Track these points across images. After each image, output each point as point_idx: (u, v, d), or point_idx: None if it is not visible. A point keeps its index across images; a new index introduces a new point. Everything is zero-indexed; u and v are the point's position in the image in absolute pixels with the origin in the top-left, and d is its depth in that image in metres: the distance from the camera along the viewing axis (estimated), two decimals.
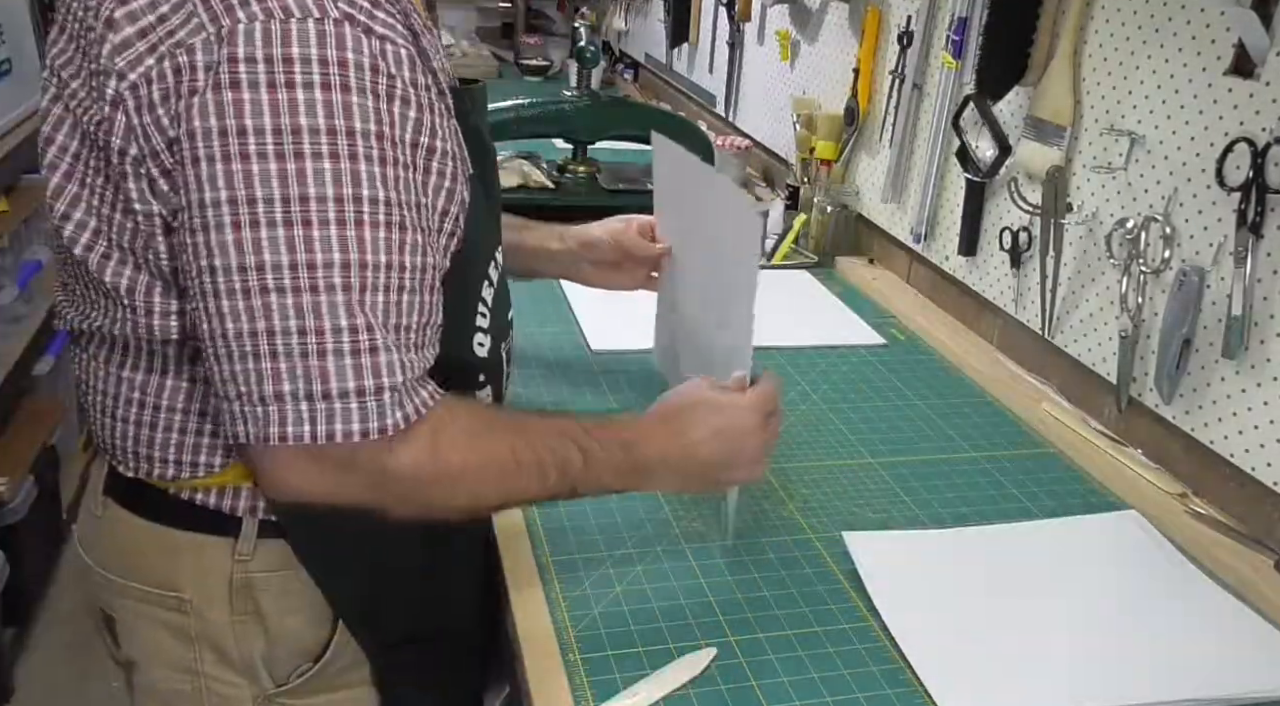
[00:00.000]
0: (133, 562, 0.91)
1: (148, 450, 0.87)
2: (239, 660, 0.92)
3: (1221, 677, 0.90)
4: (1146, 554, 1.08)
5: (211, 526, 0.88)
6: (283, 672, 0.93)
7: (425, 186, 0.79)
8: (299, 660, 0.93)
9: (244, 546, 0.88)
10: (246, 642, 0.91)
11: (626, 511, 1.08)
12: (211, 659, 0.92)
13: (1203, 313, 1.15)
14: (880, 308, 1.70)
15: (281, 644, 0.92)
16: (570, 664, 0.88)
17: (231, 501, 0.87)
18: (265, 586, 0.89)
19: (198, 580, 0.89)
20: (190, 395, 0.84)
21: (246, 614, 0.90)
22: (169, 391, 0.84)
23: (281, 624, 0.91)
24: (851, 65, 1.93)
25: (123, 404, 0.86)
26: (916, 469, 1.21)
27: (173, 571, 0.89)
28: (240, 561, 0.88)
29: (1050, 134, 1.38)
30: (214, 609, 0.90)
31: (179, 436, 0.86)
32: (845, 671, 0.89)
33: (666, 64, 3.14)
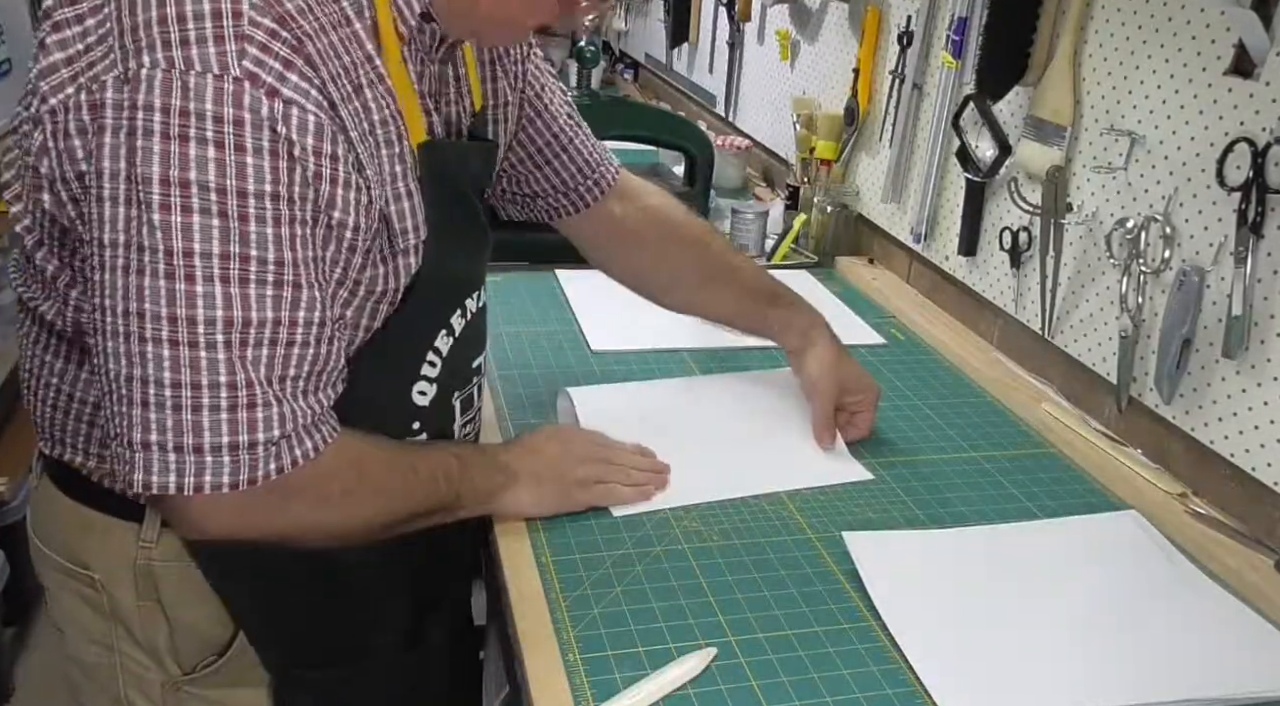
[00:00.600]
0: (56, 537, 0.95)
1: (62, 434, 0.89)
2: (145, 643, 0.93)
3: (1221, 677, 0.90)
4: (1146, 554, 1.08)
5: (120, 510, 0.89)
6: (189, 662, 0.94)
7: (324, 242, 0.80)
8: (204, 652, 0.94)
9: (148, 533, 0.89)
10: (151, 627, 0.93)
11: (626, 511, 1.08)
12: (124, 636, 0.94)
13: (1203, 313, 1.15)
14: (880, 308, 1.70)
15: (185, 633, 0.93)
16: (570, 664, 0.88)
17: None
18: (166, 575, 0.91)
19: (106, 561, 0.92)
20: (90, 386, 0.86)
21: (149, 600, 0.91)
22: (83, 383, 0.86)
23: (183, 614, 0.92)
24: (851, 65, 1.93)
25: (43, 386, 0.89)
26: (916, 469, 1.21)
27: (86, 549, 0.93)
28: (144, 547, 0.90)
29: (1050, 134, 1.38)
30: (120, 590, 0.92)
31: (88, 427, 0.88)
32: (845, 671, 0.89)
33: (666, 64, 3.14)
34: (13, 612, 2.18)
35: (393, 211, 0.86)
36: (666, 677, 0.86)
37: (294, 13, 0.75)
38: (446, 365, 1.00)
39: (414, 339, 0.97)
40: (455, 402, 1.04)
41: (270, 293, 0.75)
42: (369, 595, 0.98)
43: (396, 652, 1.03)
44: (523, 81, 1.12)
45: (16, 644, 2.22)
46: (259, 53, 0.73)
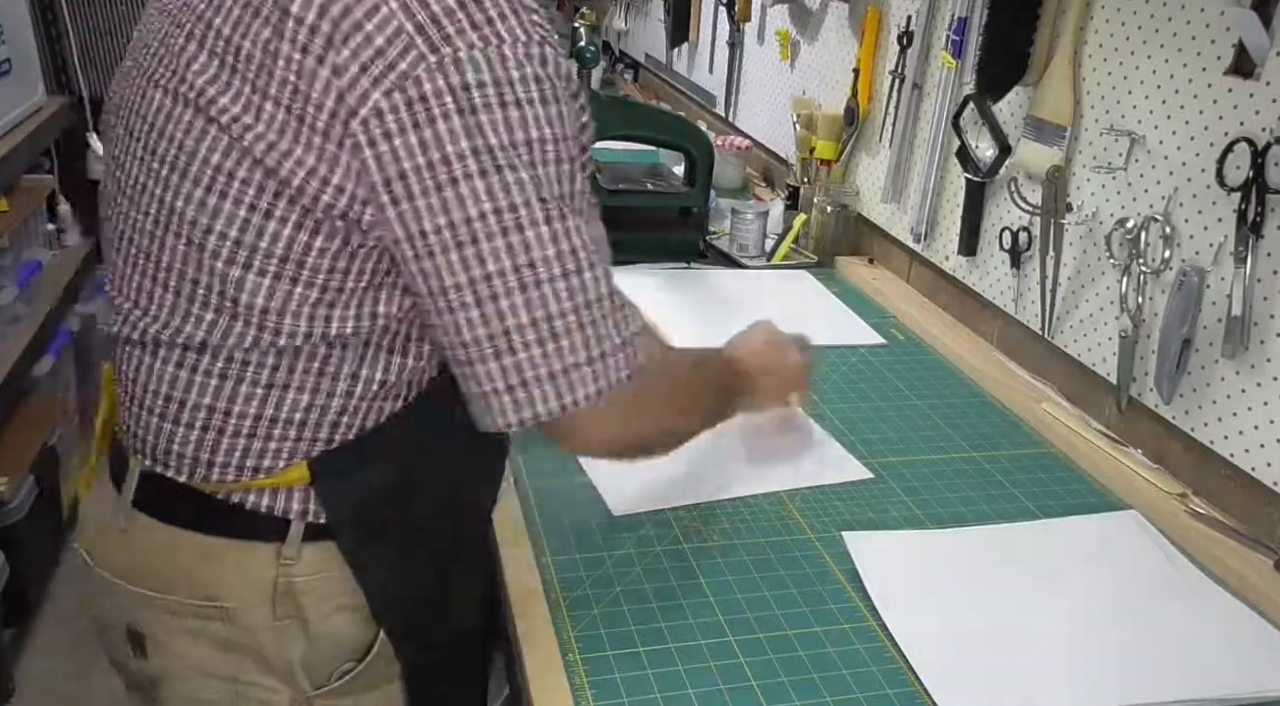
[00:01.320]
0: (169, 574, 0.90)
1: (209, 455, 0.87)
2: (279, 665, 0.91)
3: (1221, 677, 0.90)
4: (1146, 554, 1.08)
5: (256, 532, 0.88)
6: (321, 674, 0.93)
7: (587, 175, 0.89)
8: (339, 661, 0.93)
9: (289, 550, 0.88)
10: (287, 647, 0.91)
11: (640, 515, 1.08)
12: (252, 666, 0.91)
13: (1203, 312, 1.15)
14: (880, 308, 1.70)
15: (322, 646, 0.92)
16: (570, 664, 0.88)
17: (284, 504, 0.88)
18: (308, 589, 0.89)
19: (240, 587, 0.89)
20: (264, 401, 0.85)
21: (289, 618, 0.90)
22: (242, 398, 0.85)
23: (323, 626, 0.91)
24: (851, 65, 1.93)
25: (189, 409, 0.86)
26: (916, 469, 1.21)
27: (213, 580, 0.89)
28: (285, 565, 0.89)
29: (1050, 134, 1.38)
30: (255, 615, 0.90)
31: (246, 441, 0.86)
32: (845, 671, 0.89)
33: (666, 64, 3.14)
34: (13, 612, 2.18)
35: None
36: None
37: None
38: None
39: None
40: None
41: (575, 222, 0.82)
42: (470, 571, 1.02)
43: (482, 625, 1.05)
44: None
45: (16, 644, 2.22)
46: (536, 17, 0.80)
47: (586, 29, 1.88)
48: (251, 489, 0.87)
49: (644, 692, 0.85)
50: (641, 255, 1.79)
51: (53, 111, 2.64)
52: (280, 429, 0.86)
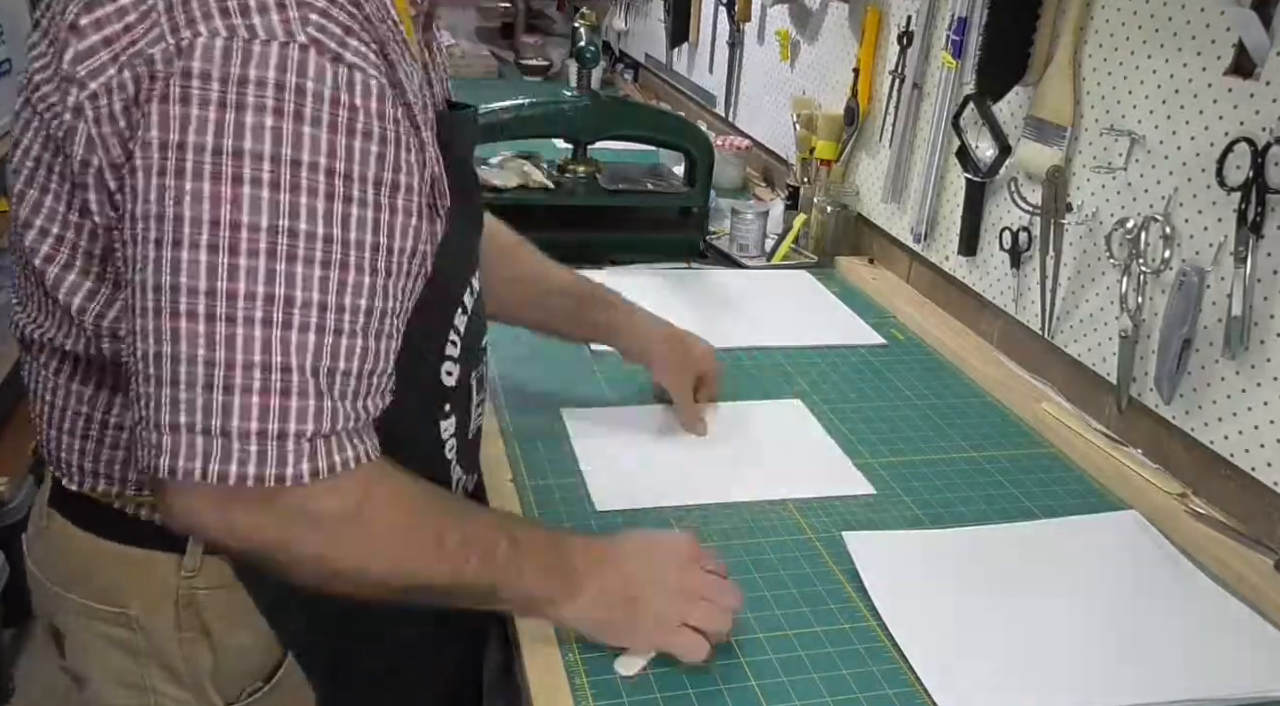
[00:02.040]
0: (78, 577, 0.88)
1: (93, 465, 0.84)
2: (186, 677, 0.88)
3: (1221, 677, 0.90)
4: (1146, 554, 1.08)
5: (157, 541, 0.84)
6: (232, 691, 0.90)
7: (392, 227, 0.75)
8: (248, 679, 0.90)
9: (190, 562, 0.85)
10: (193, 660, 0.88)
11: (629, 512, 1.08)
12: (160, 675, 0.89)
13: (1203, 312, 1.15)
14: (880, 308, 1.70)
15: (229, 662, 0.89)
16: (570, 664, 0.87)
17: None
18: (211, 602, 0.86)
19: (143, 596, 0.86)
20: (126, 411, 0.80)
21: (193, 630, 0.87)
22: (117, 407, 0.81)
23: (228, 642, 0.88)
24: (851, 65, 1.93)
25: (69, 416, 0.83)
26: (916, 469, 1.21)
27: (118, 586, 0.86)
28: (186, 578, 0.85)
29: (1050, 134, 1.38)
30: (160, 625, 0.87)
31: (125, 453, 0.83)
32: (845, 671, 0.89)
33: (666, 64, 3.14)
34: (13, 613, 2.17)
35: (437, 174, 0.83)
36: None
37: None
38: (464, 343, 0.95)
39: (441, 317, 0.91)
40: (473, 381, 1.00)
41: (318, 273, 0.70)
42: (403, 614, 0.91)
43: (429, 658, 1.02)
44: None
45: (16, 644, 2.22)
46: (321, 18, 0.70)
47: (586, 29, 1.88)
48: (143, 503, 0.84)
49: (644, 692, 0.85)
50: (641, 255, 1.79)
51: None
52: None
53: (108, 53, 0.70)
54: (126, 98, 0.70)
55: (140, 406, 0.71)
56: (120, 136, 0.70)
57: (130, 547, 0.86)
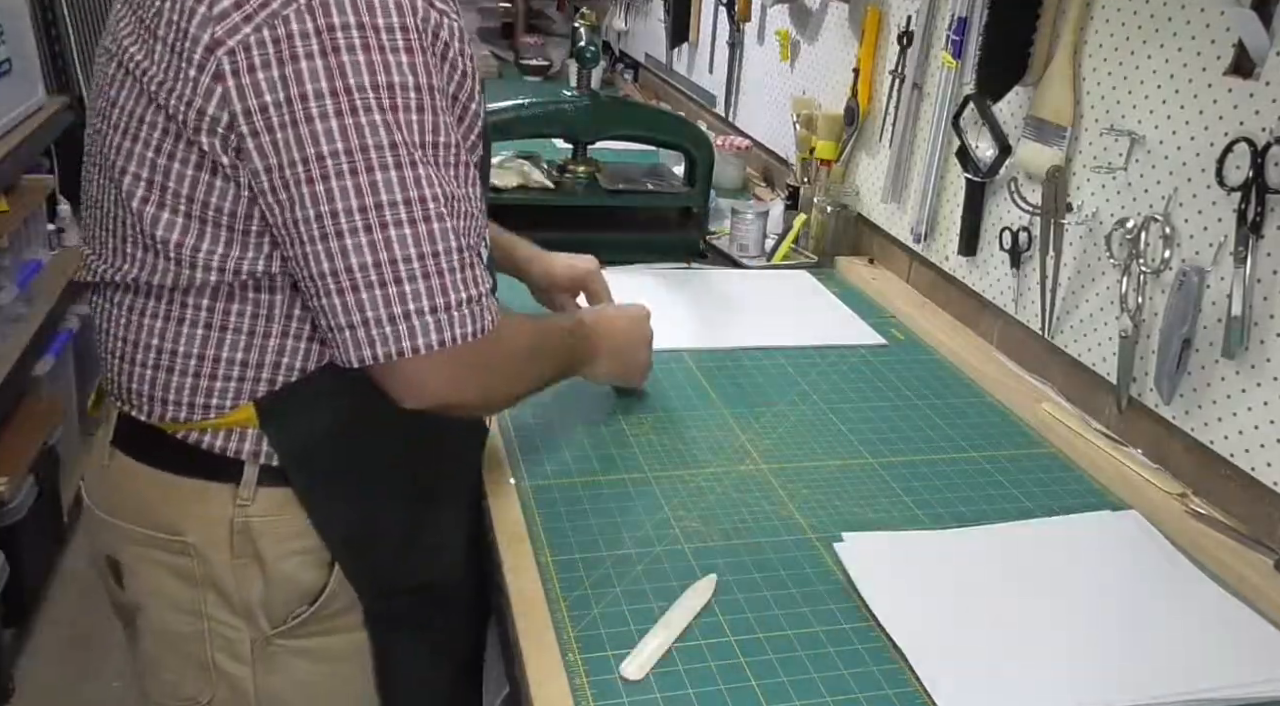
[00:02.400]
0: (139, 508, 0.97)
1: (163, 393, 0.93)
2: (239, 603, 0.96)
3: (1221, 677, 0.90)
4: (1146, 554, 1.08)
5: (214, 472, 0.94)
6: (279, 615, 0.97)
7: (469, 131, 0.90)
8: (295, 603, 0.97)
9: (245, 491, 0.94)
10: (245, 585, 0.96)
11: (626, 511, 1.08)
12: (214, 601, 0.96)
13: (1203, 313, 1.15)
14: (880, 308, 1.70)
15: (279, 587, 0.96)
16: (570, 664, 0.88)
17: (237, 445, 0.93)
18: (264, 530, 0.94)
19: (200, 524, 0.95)
20: (205, 341, 0.90)
21: (246, 557, 0.95)
22: (185, 338, 0.91)
23: (279, 567, 0.96)
24: (851, 65, 1.93)
25: (142, 349, 0.92)
26: (916, 469, 1.21)
27: (177, 516, 0.95)
28: (241, 506, 0.94)
29: (1050, 134, 1.38)
30: (215, 552, 0.95)
31: (193, 380, 0.92)
32: (845, 671, 0.89)
33: (666, 64, 3.14)
34: (13, 612, 2.18)
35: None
36: (675, 617, 0.90)
37: None
38: None
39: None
40: None
41: (460, 172, 0.85)
42: (441, 527, 1.05)
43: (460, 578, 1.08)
44: None
45: (16, 644, 2.22)
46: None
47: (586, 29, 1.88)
48: (207, 429, 0.93)
49: (644, 692, 0.85)
50: (641, 255, 1.79)
51: (53, 111, 2.64)
52: (224, 368, 0.91)
53: (239, 14, 0.79)
54: (266, 54, 0.79)
55: (362, 312, 0.82)
56: (257, 88, 0.80)
57: (188, 479, 0.94)
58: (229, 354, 0.91)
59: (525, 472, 1.15)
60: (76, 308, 2.65)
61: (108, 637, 2.20)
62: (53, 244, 2.71)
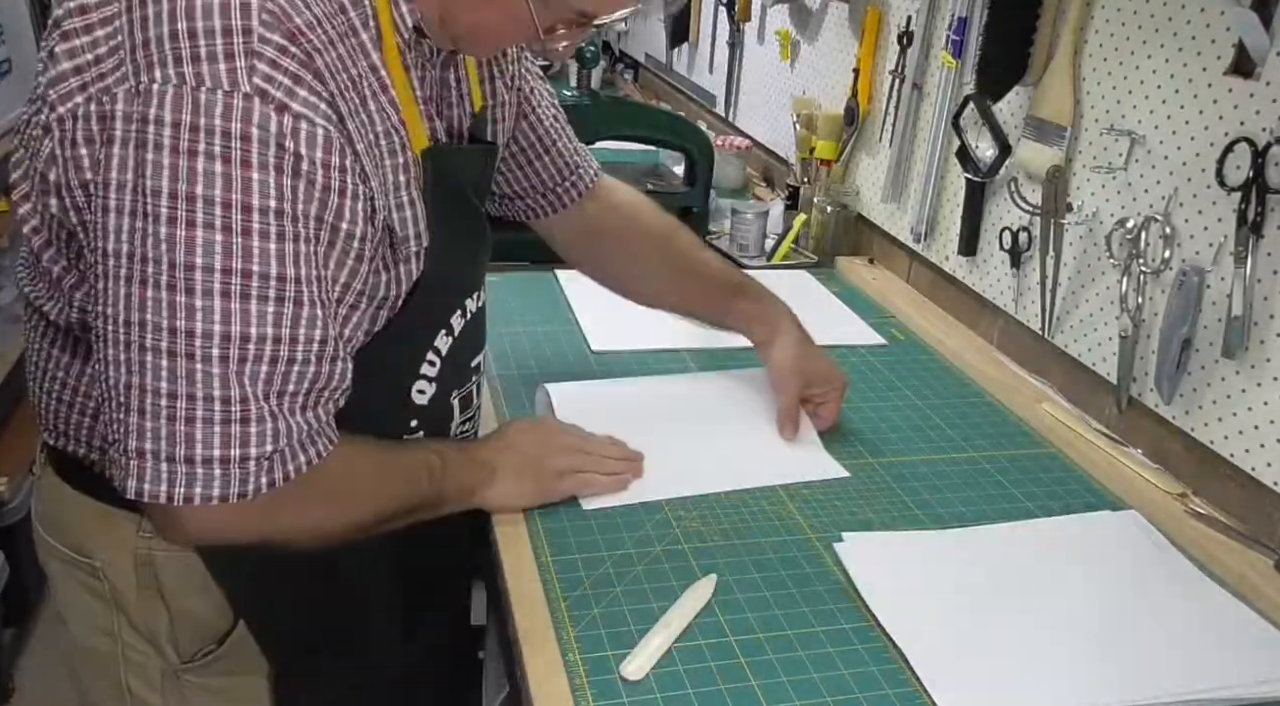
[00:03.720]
0: (59, 525, 0.97)
1: (65, 426, 0.91)
2: (145, 631, 0.95)
3: (1221, 677, 0.90)
4: (1146, 554, 1.08)
5: (122, 501, 0.87)
6: (188, 650, 0.96)
7: (341, 264, 0.82)
8: (203, 640, 0.96)
9: (149, 523, 0.90)
10: (151, 616, 0.94)
11: (626, 512, 1.08)
12: (125, 624, 0.95)
13: (1203, 313, 1.15)
14: (880, 308, 1.70)
15: (184, 622, 0.95)
16: (570, 664, 0.88)
17: None
18: (166, 564, 0.92)
19: (108, 550, 0.93)
20: (92, 381, 0.87)
21: (149, 588, 0.93)
22: (86, 378, 0.88)
23: (183, 603, 0.94)
24: (851, 65, 1.93)
25: (48, 379, 0.91)
26: (916, 469, 1.21)
27: (88, 539, 0.94)
28: (144, 537, 0.91)
29: (1050, 134, 1.38)
30: (121, 579, 0.93)
31: (90, 421, 0.89)
32: (845, 671, 0.89)
33: (666, 64, 3.14)
34: (13, 612, 2.18)
35: (395, 220, 0.88)
36: (674, 618, 0.90)
37: (304, 27, 0.76)
38: (446, 364, 1.01)
39: (414, 340, 0.98)
40: (454, 401, 1.06)
41: (271, 309, 0.76)
42: (364, 585, 1.01)
43: (393, 645, 1.05)
44: (519, 80, 1.12)
45: (16, 644, 2.22)
46: (268, 69, 0.74)
47: None
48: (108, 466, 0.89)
49: (644, 692, 0.85)
50: None
51: None
52: None
53: (77, 81, 0.76)
54: (90, 130, 0.75)
55: (113, 430, 0.77)
56: (79, 163, 0.76)
57: (98, 503, 0.92)
58: None
59: None
60: None
61: None
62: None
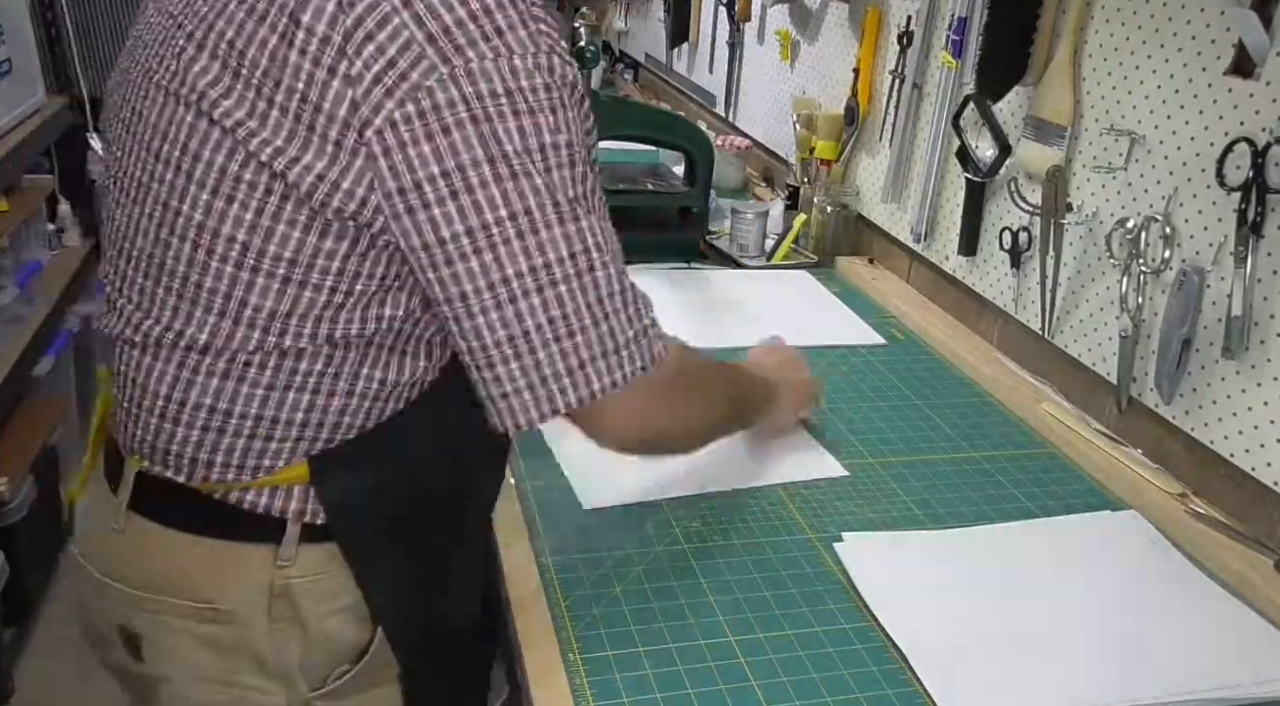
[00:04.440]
0: (163, 576, 0.90)
1: (209, 455, 0.87)
2: (276, 667, 0.91)
3: (1221, 677, 0.90)
4: (1146, 554, 1.08)
5: (252, 533, 0.89)
6: (319, 676, 0.93)
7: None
8: (336, 662, 0.93)
9: (286, 551, 0.88)
10: (285, 649, 0.91)
11: (626, 511, 1.08)
12: (249, 668, 0.91)
13: (1203, 313, 1.15)
14: (880, 308, 1.70)
15: (319, 647, 0.92)
16: (570, 664, 0.88)
17: (281, 503, 0.88)
18: (305, 591, 0.90)
19: (235, 589, 0.89)
20: (265, 401, 0.85)
21: (285, 620, 0.90)
22: (244, 398, 0.86)
23: (320, 627, 0.91)
24: (851, 65, 1.93)
25: (190, 409, 0.87)
26: (916, 469, 1.21)
27: (207, 582, 0.89)
28: (281, 567, 0.89)
29: (1050, 134, 1.38)
30: (252, 617, 0.90)
31: (246, 441, 0.87)
32: (845, 671, 0.89)
33: (666, 64, 3.14)
34: (13, 612, 2.18)
35: None
36: None
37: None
38: None
39: None
40: None
41: (604, 213, 0.85)
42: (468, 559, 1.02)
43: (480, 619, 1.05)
44: None
45: (16, 644, 2.22)
46: (545, 28, 0.81)
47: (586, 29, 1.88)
48: (250, 488, 0.87)
49: (644, 692, 0.85)
50: (641, 255, 1.79)
51: (53, 111, 2.64)
52: (281, 429, 0.86)
53: (380, 89, 0.76)
54: (413, 130, 0.77)
55: (541, 370, 0.82)
56: (409, 165, 0.77)
57: (223, 541, 0.89)
58: (288, 415, 0.86)
59: (525, 473, 1.15)
60: (76, 308, 2.65)
61: None
62: (53, 244, 2.71)
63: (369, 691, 0.95)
